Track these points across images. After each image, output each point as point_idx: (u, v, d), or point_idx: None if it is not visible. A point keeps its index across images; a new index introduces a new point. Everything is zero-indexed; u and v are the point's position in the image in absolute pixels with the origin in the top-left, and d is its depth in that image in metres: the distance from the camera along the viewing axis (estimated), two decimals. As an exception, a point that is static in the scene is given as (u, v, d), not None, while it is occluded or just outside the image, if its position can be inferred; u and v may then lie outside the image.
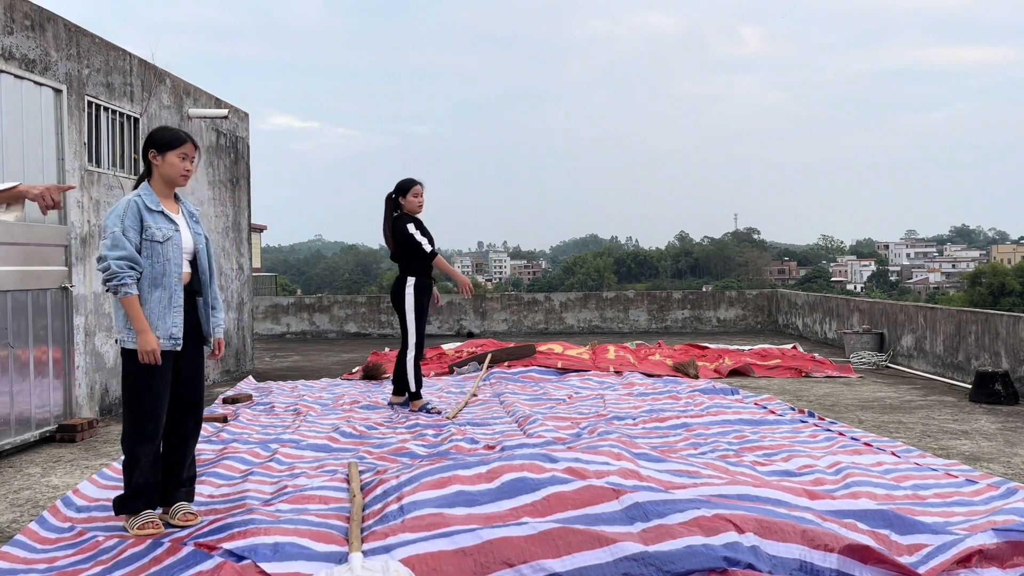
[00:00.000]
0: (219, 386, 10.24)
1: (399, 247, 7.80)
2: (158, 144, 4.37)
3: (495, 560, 3.29)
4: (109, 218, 4.25)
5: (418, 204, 7.85)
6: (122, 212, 4.22)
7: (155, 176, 4.40)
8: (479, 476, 4.22)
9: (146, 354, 4.15)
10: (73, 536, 4.24)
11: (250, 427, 7.15)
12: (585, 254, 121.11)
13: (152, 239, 4.24)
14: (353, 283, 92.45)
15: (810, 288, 76.39)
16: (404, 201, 7.82)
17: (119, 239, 4.17)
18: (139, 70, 8.99)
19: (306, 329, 18.62)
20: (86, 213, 7.82)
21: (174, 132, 4.45)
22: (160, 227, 4.28)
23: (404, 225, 7.75)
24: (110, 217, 4.25)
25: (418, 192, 7.84)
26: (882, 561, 3.31)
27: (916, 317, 11.29)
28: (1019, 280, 63.38)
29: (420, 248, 7.70)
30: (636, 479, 4.31)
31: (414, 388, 7.84)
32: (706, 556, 3.27)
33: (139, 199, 4.29)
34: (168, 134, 4.42)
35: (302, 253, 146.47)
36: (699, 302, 18.91)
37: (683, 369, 10.24)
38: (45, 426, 6.97)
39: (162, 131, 4.46)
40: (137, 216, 4.23)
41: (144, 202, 4.29)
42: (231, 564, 3.35)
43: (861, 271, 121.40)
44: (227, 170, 11.45)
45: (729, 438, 6.29)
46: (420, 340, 7.86)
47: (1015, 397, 8.14)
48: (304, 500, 4.30)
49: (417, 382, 7.85)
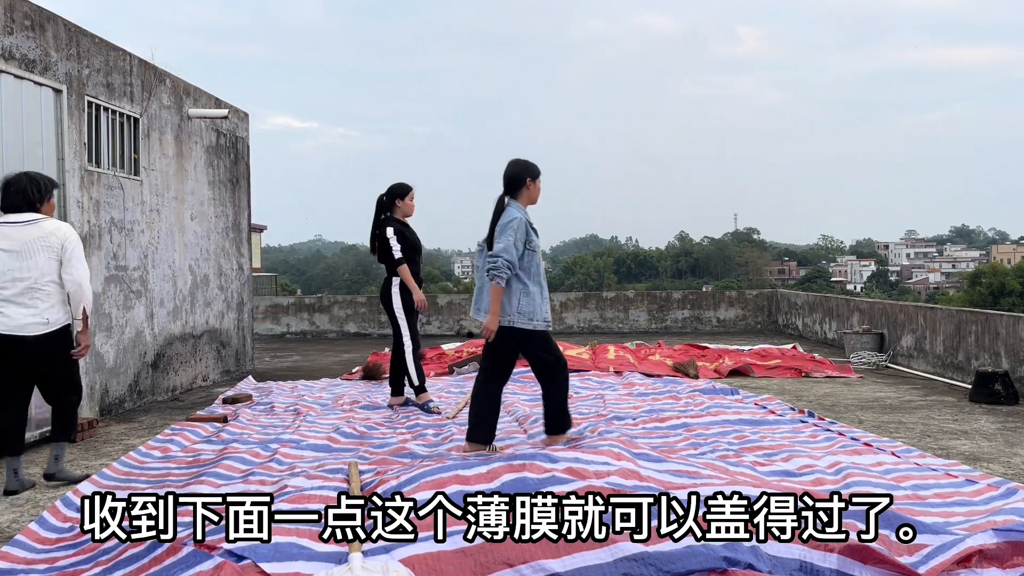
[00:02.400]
0: (219, 386, 10.24)
1: (380, 249, 7.90)
2: (533, 175, 5.91)
3: (495, 560, 3.29)
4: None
5: (413, 208, 8.06)
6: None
7: (523, 197, 5.89)
8: (479, 476, 4.22)
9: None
10: (73, 536, 4.24)
11: (250, 427, 7.16)
12: (585, 254, 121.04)
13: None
14: (353, 283, 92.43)
15: (810, 288, 76.38)
16: (401, 204, 7.95)
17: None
18: (139, 70, 8.99)
19: (306, 329, 18.62)
20: (86, 213, 7.82)
21: (537, 168, 5.96)
22: (534, 240, 5.79)
23: (385, 228, 7.85)
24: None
25: (413, 196, 8.04)
26: (882, 561, 3.31)
27: (916, 317, 11.29)
28: (1019, 280, 63.36)
29: (390, 253, 7.79)
30: (636, 479, 4.31)
31: (417, 382, 7.88)
32: (706, 556, 3.27)
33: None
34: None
35: (302, 253, 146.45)
36: (699, 302, 18.92)
37: (683, 369, 10.24)
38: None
39: (534, 166, 5.93)
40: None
41: (527, 219, 5.75)
42: (231, 564, 3.34)
43: (861, 271, 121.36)
44: (227, 170, 11.45)
45: (729, 438, 6.29)
46: (415, 335, 7.93)
47: (1015, 397, 8.14)
48: (304, 500, 4.30)
49: (419, 376, 7.90)
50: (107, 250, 8.21)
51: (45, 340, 5.30)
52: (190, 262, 10.15)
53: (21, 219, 5.30)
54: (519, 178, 5.83)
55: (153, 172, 9.21)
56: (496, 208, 5.86)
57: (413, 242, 7.93)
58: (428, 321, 18.16)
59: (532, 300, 5.69)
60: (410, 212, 8.04)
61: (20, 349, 5.25)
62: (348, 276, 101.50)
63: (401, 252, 7.82)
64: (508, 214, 5.73)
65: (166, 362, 9.51)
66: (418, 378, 7.90)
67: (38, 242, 5.26)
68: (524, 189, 5.84)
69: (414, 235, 8.01)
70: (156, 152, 9.31)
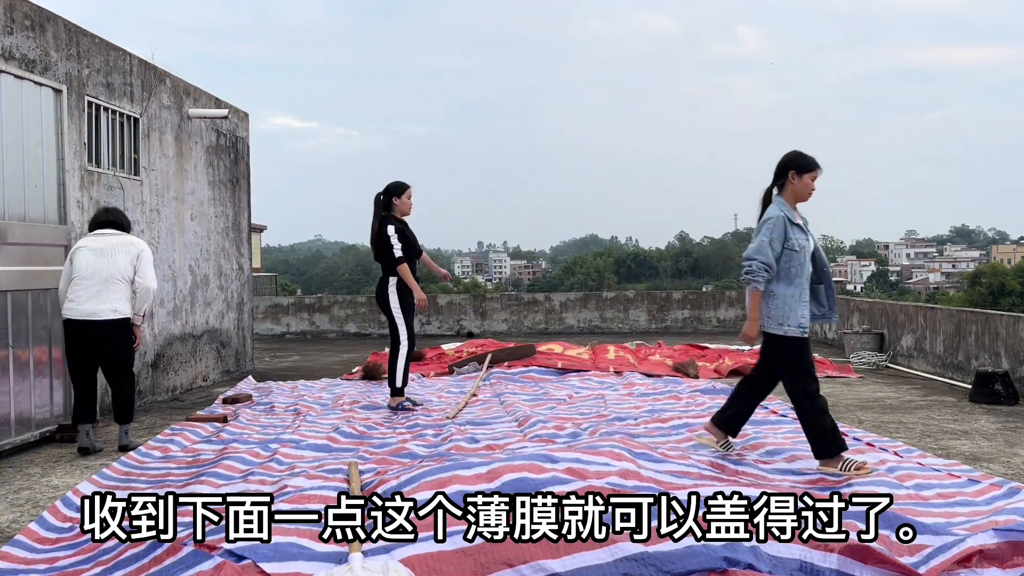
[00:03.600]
0: (219, 386, 10.24)
1: (379, 247, 7.90)
2: (798, 167, 5.29)
3: (495, 560, 3.29)
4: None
5: (410, 206, 8.05)
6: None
7: (788, 191, 5.33)
8: (479, 476, 4.22)
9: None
10: (73, 536, 4.24)
11: (250, 427, 7.15)
12: (585, 254, 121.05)
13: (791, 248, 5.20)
14: (353, 283, 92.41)
15: (810, 288, 76.07)
16: (398, 202, 7.97)
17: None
18: (139, 70, 8.99)
19: (306, 329, 18.62)
20: (86, 213, 7.82)
21: (812, 159, 5.32)
22: (797, 238, 5.22)
23: (386, 227, 7.85)
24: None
25: (411, 194, 8.04)
26: (882, 561, 3.31)
27: (916, 317, 11.29)
28: (1019, 280, 63.38)
29: (391, 250, 7.80)
30: (637, 479, 4.31)
31: (400, 384, 7.91)
32: (706, 556, 3.27)
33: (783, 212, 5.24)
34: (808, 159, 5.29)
35: (302, 253, 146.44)
36: (699, 302, 18.92)
37: (683, 369, 10.23)
38: (45, 426, 6.97)
39: (802, 156, 5.32)
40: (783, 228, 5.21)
41: (787, 215, 5.23)
42: (231, 564, 3.34)
43: (861, 271, 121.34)
44: (227, 170, 11.45)
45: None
46: (411, 336, 7.96)
47: (1015, 397, 8.14)
48: (304, 500, 4.30)
49: (404, 379, 7.93)
50: (107, 250, 8.20)
51: (110, 325, 6.42)
52: (190, 262, 10.15)
53: (110, 231, 6.66)
54: (782, 170, 5.33)
55: (153, 172, 9.21)
56: (762, 200, 5.42)
57: (412, 241, 7.95)
58: (428, 321, 18.16)
59: (784, 303, 5.23)
60: (407, 210, 8.05)
61: (90, 331, 6.37)
62: (348, 276, 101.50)
63: (403, 250, 7.83)
64: (768, 211, 5.30)
65: (166, 362, 9.51)
66: (402, 380, 7.92)
67: (120, 247, 6.54)
68: (787, 183, 5.32)
69: (413, 235, 8.02)
70: (156, 152, 9.31)
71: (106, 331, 6.41)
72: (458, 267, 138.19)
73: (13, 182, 6.72)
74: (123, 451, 6.36)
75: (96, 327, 6.38)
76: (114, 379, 6.62)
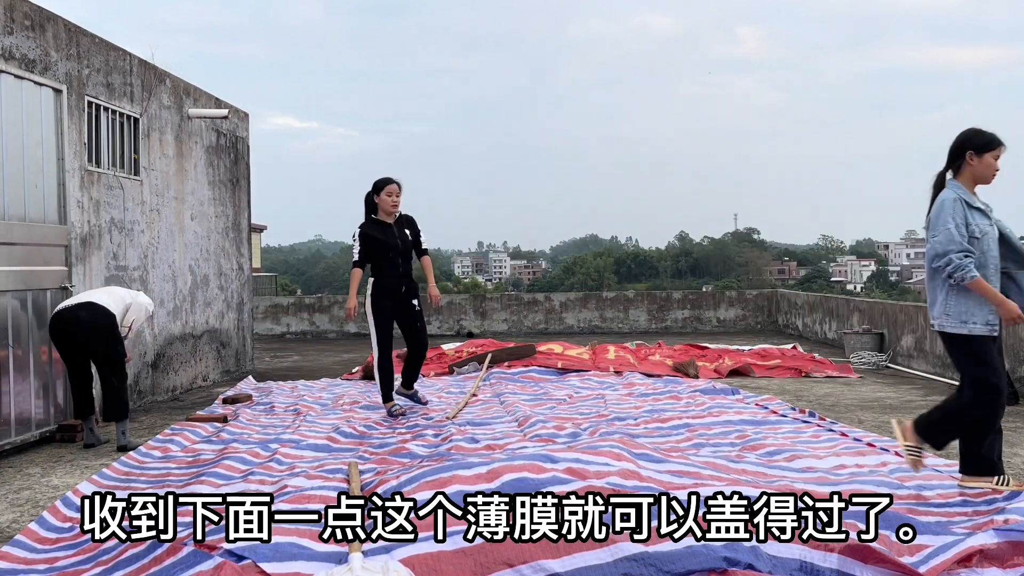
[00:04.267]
0: (219, 386, 10.24)
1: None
2: (976, 146, 4.74)
3: (495, 560, 3.29)
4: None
5: (391, 203, 7.57)
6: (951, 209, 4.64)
7: (965, 174, 4.76)
8: (479, 476, 4.21)
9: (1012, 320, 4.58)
10: (73, 536, 4.24)
11: (250, 427, 7.15)
12: (585, 254, 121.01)
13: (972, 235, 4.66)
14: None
15: (810, 288, 76.30)
16: (378, 200, 7.61)
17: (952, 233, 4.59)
18: (139, 70, 8.99)
19: (306, 329, 18.62)
20: (86, 213, 7.82)
21: (993, 135, 4.77)
22: (978, 223, 4.68)
23: (357, 228, 7.64)
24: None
25: (392, 191, 7.58)
26: (882, 561, 3.31)
27: (916, 317, 11.28)
28: (1019, 280, 63.26)
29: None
30: (637, 480, 4.31)
31: (381, 396, 7.71)
32: (706, 556, 3.26)
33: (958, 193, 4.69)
34: (988, 137, 4.76)
35: (302, 253, 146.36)
36: (699, 302, 18.92)
37: (683, 369, 10.23)
38: (45, 426, 6.97)
39: (981, 134, 4.77)
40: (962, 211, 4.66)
41: (963, 197, 4.68)
42: (231, 564, 3.34)
43: (861, 271, 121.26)
44: (227, 170, 11.45)
45: (731, 438, 6.28)
46: (383, 343, 7.64)
47: (1015, 397, 8.13)
48: (304, 500, 4.30)
49: (382, 387, 7.68)
50: (107, 250, 8.20)
51: (96, 312, 6.60)
52: (190, 262, 10.15)
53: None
54: (957, 150, 4.78)
55: (153, 172, 9.21)
56: (933, 186, 4.84)
57: (387, 241, 7.55)
58: (428, 321, 18.15)
59: (968, 296, 4.66)
60: (388, 207, 7.58)
61: (76, 319, 6.53)
62: (348, 276, 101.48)
63: (359, 255, 7.53)
64: (940, 196, 4.73)
65: (166, 362, 9.51)
66: (382, 389, 7.68)
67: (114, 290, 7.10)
68: (964, 164, 4.77)
69: (393, 233, 7.60)
70: (156, 152, 9.31)
71: (92, 322, 6.57)
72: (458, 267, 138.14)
73: (13, 182, 6.71)
74: (121, 451, 6.37)
75: (81, 314, 6.57)
76: (103, 373, 6.70)
